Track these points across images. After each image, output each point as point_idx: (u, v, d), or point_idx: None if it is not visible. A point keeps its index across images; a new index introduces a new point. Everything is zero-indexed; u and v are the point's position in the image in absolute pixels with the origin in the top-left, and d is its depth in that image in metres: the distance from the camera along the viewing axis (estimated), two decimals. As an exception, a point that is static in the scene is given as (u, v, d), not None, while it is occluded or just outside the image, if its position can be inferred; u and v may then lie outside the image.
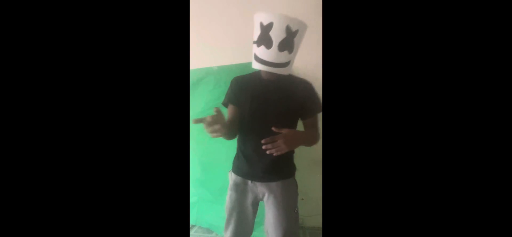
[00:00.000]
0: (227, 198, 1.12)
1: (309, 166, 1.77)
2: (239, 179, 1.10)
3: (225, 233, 1.12)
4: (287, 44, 0.93)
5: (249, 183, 1.08)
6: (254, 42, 0.98)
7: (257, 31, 0.96)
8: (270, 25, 0.91)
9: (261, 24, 0.93)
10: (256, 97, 1.05)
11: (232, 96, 1.10)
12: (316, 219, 1.91)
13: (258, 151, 1.01)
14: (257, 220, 1.14)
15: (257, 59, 0.96)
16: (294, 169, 1.13)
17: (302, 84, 1.07)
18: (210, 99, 1.70)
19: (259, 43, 0.95)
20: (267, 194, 1.06)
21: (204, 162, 1.81)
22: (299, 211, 1.10)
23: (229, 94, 1.12)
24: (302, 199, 1.88)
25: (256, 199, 1.10)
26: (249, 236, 1.15)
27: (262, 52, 0.94)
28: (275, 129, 0.89)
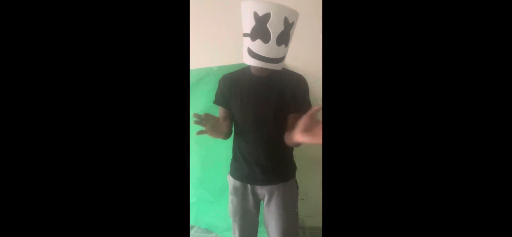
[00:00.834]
0: (229, 202, 1.11)
1: (309, 166, 1.77)
2: (238, 183, 1.07)
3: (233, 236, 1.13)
4: (285, 37, 0.83)
5: (249, 187, 1.06)
6: (246, 35, 0.86)
7: (249, 22, 0.83)
8: (267, 16, 0.79)
9: (256, 15, 0.81)
10: (247, 95, 0.97)
11: (220, 96, 1.03)
12: (316, 219, 1.91)
13: (254, 153, 1.00)
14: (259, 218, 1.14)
15: (251, 54, 0.85)
16: (294, 170, 1.10)
17: (294, 77, 0.99)
18: (210, 99, 1.69)
19: (254, 36, 0.83)
20: (268, 196, 1.04)
21: (203, 162, 1.81)
22: (299, 211, 1.10)
23: (217, 94, 1.05)
24: (302, 199, 1.89)
25: (257, 200, 1.09)
26: (256, 236, 1.15)
27: (258, 46, 0.83)
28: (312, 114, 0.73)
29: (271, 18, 0.80)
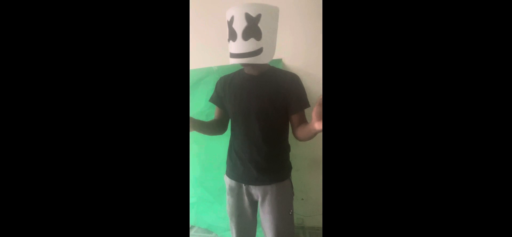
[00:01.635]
0: (227, 202, 1.13)
1: (309, 166, 1.77)
2: (233, 182, 1.08)
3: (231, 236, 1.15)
4: (251, 31, 0.89)
5: (244, 187, 1.07)
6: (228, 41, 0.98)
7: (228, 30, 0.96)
8: (232, 19, 0.91)
9: (227, 22, 0.93)
10: (239, 94, 1.02)
11: (215, 96, 1.11)
12: (316, 219, 1.91)
13: (247, 149, 1.02)
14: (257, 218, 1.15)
15: (230, 54, 0.95)
16: (289, 170, 1.10)
17: (288, 76, 1.02)
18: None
19: (229, 39, 0.95)
20: (261, 197, 1.05)
21: (203, 162, 1.81)
22: (298, 211, 1.09)
23: (213, 94, 1.12)
24: (302, 199, 1.89)
25: (253, 200, 1.09)
26: (254, 235, 1.16)
27: (231, 46, 0.93)
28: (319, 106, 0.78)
29: (234, 19, 0.90)
